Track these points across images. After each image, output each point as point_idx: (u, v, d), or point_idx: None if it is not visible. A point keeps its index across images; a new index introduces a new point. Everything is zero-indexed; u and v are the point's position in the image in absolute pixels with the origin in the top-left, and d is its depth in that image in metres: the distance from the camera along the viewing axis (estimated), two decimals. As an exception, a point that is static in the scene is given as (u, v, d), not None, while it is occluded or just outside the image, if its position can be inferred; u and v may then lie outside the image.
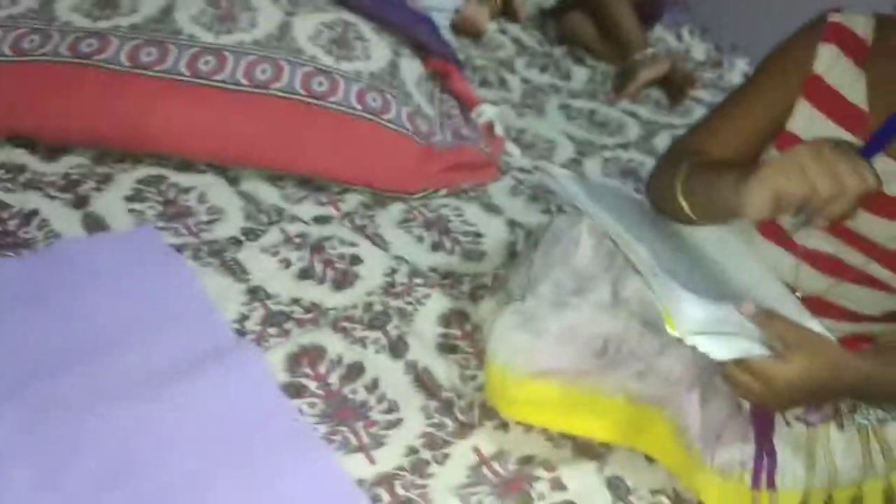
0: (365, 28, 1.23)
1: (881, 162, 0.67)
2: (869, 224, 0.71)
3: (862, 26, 0.71)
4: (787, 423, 0.71)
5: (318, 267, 0.93)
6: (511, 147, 1.27)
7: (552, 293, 0.70)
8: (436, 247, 1.02)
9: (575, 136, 1.37)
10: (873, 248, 0.71)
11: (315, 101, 1.08)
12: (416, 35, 1.30)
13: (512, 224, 1.09)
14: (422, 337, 0.86)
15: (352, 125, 1.08)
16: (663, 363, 0.69)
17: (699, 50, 1.84)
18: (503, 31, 1.73)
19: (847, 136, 0.70)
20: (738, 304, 0.66)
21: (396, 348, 0.84)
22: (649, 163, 1.32)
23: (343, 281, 0.91)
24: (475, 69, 1.53)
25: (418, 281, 0.93)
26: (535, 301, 0.71)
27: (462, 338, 0.87)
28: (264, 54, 1.10)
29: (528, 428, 0.76)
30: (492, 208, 1.12)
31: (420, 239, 1.03)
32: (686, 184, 0.71)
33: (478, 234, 1.06)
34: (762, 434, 0.71)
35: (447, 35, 1.62)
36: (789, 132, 0.73)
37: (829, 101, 0.71)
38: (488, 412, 0.77)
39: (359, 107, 1.09)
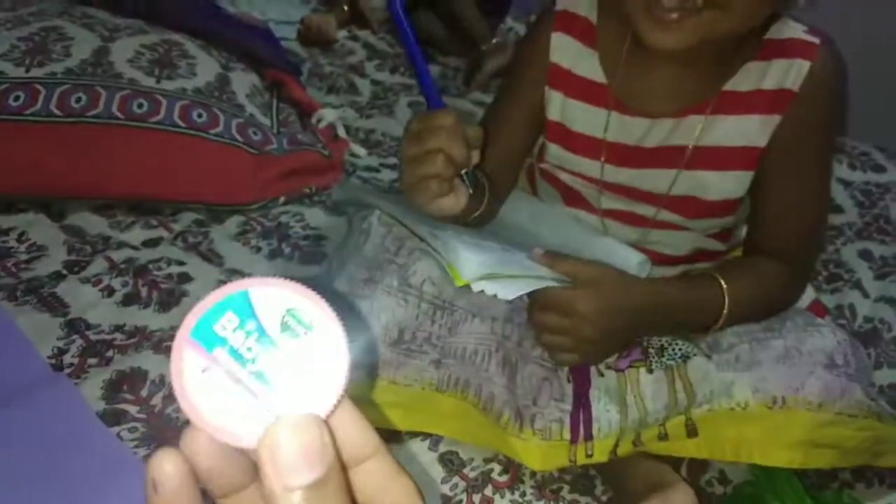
0: (191, 46, 1.21)
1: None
2: (640, 178, 0.74)
3: (586, 8, 0.73)
4: (601, 374, 0.73)
5: (144, 290, 0.90)
6: (356, 148, 1.27)
7: (347, 286, 0.69)
8: (274, 255, 1.00)
9: (423, 131, 1.38)
10: (657, 199, 0.74)
11: (135, 124, 1.05)
12: (248, 48, 1.29)
13: (356, 223, 1.08)
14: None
15: (176, 143, 1.06)
16: (457, 342, 0.69)
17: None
18: (354, 38, 1.73)
19: (598, 111, 0.74)
20: (527, 251, 0.68)
21: (223, 360, 0.81)
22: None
23: (169, 301, 0.88)
24: (323, 77, 1.52)
25: (250, 290, 0.92)
26: (332, 297, 0.70)
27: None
28: (79, 82, 1.07)
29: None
30: (335, 210, 1.11)
31: (257, 249, 1.01)
32: None
33: (320, 238, 1.05)
34: (580, 390, 0.72)
35: (296, 46, 1.63)
36: (551, 120, 0.76)
37: (572, 85, 0.74)
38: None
39: (182, 124, 1.07)
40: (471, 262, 0.62)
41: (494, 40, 1.60)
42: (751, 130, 0.70)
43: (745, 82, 0.69)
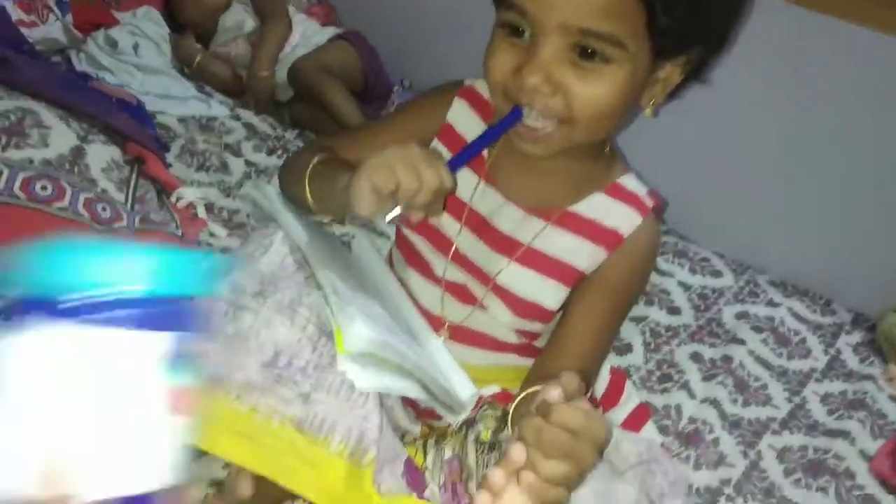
0: (48, 116, 1.19)
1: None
2: (481, 254, 0.79)
3: (488, 93, 0.79)
4: None
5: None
6: (216, 228, 1.25)
7: (231, 294, 0.67)
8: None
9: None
10: (488, 280, 0.78)
11: (-32, 194, 1.00)
12: (110, 122, 1.27)
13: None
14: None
15: (13, 215, 1.02)
16: (332, 376, 0.66)
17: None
18: (236, 118, 1.74)
19: (471, 177, 0.80)
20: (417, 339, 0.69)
21: None
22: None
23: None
24: (195, 154, 1.51)
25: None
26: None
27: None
28: (-89, 147, 1.02)
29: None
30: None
31: (88, 330, 0.96)
32: (314, 172, 0.74)
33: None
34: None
35: (172, 122, 1.61)
36: None
37: (457, 145, 0.79)
38: None
39: (23, 195, 1.03)
40: (361, 335, 0.62)
41: (372, 132, 1.65)
42: (580, 252, 0.76)
43: (590, 210, 0.77)
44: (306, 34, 1.84)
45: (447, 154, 0.79)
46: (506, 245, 0.78)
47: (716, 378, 1.16)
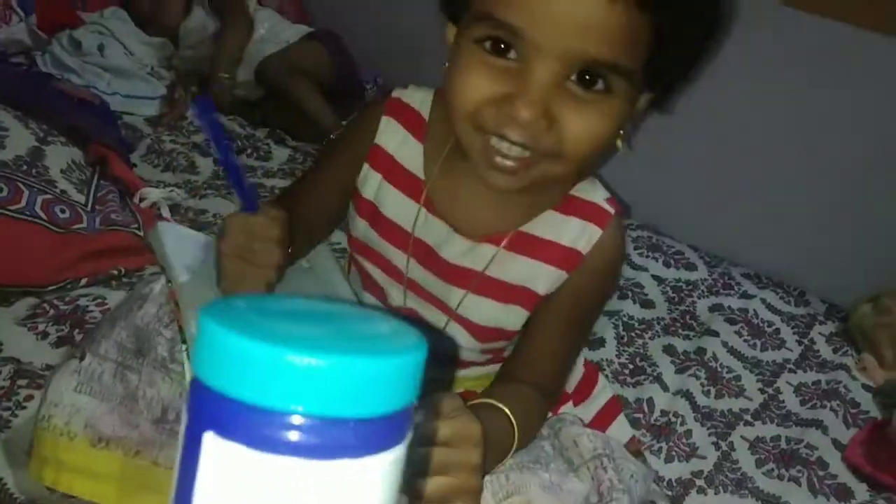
0: (6, 117, 1.16)
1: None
2: (436, 286, 0.74)
3: (419, 101, 0.74)
4: None
5: None
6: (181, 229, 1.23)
7: (116, 353, 0.66)
8: (62, 342, 0.94)
9: (259, 214, 1.36)
10: (447, 309, 0.75)
11: (-79, 197, 0.98)
12: (71, 123, 1.24)
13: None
14: (10, 444, 0.77)
15: (-34, 219, 0.99)
16: None
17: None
18: (206, 117, 1.71)
19: (410, 203, 0.74)
20: None
21: (-29, 461, 0.74)
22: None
23: (-80, 393, 0.80)
24: (162, 154, 1.49)
25: (22, 382, 0.85)
26: (97, 361, 0.66)
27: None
28: None
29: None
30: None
31: (44, 335, 0.94)
32: None
33: (120, 323, 0.99)
34: None
35: (138, 122, 1.59)
36: (364, 198, 0.76)
37: (391, 170, 0.74)
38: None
39: (-23, 198, 1.01)
40: None
41: (344, 124, 1.63)
42: (538, 276, 0.71)
43: (543, 229, 0.71)
44: (274, 30, 1.81)
45: (378, 180, 0.74)
46: (459, 275, 0.73)
47: (688, 370, 1.15)
